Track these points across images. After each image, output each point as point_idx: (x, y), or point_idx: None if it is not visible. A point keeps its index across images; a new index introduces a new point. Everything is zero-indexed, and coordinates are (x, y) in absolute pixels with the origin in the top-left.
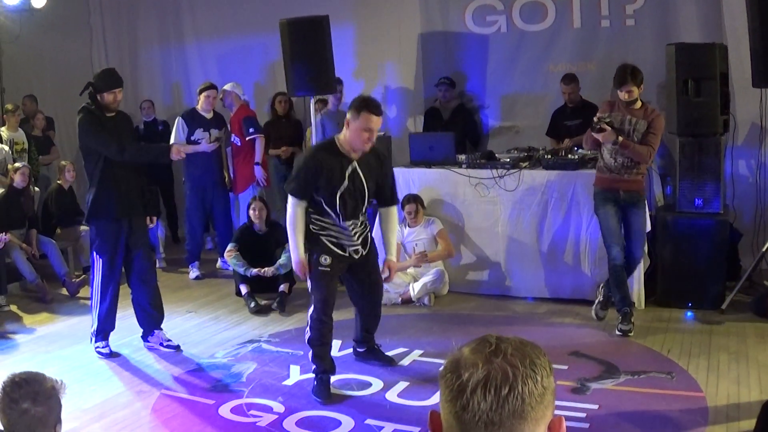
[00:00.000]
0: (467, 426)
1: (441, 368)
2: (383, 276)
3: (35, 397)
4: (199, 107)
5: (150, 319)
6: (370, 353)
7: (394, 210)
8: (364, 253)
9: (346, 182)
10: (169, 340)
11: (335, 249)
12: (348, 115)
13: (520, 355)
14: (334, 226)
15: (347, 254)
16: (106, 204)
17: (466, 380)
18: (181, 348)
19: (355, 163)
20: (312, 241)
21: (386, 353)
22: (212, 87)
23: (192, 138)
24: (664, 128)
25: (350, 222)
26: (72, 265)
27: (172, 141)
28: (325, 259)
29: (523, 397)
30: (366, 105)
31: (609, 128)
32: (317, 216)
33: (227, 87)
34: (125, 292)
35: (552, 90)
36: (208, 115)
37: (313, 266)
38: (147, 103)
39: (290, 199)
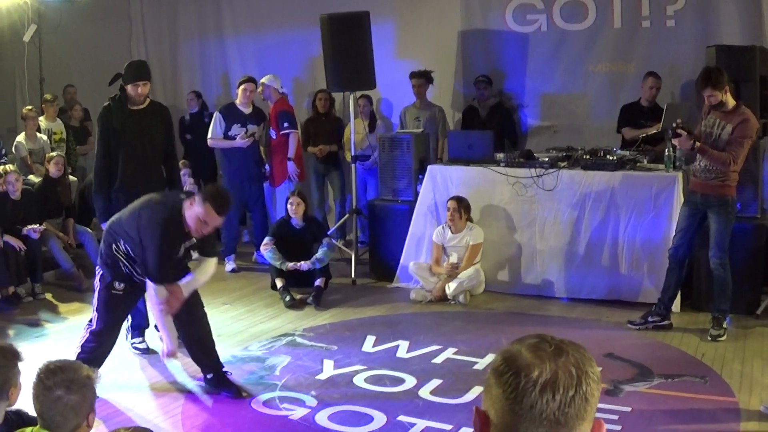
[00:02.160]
0: (529, 425)
1: (493, 367)
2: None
3: (69, 385)
4: (237, 101)
5: None
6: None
7: (212, 261)
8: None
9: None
10: None
11: (133, 276)
12: (196, 196)
13: (580, 356)
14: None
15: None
16: (120, 204)
17: (535, 379)
18: None
19: (194, 239)
20: (110, 265)
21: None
22: (250, 80)
23: (229, 133)
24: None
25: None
26: None
27: (209, 135)
28: (119, 285)
29: (586, 397)
30: (213, 199)
31: (684, 133)
32: (128, 257)
33: (265, 80)
34: None
35: (592, 90)
36: (247, 110)
37: (103, 287)
38: (191, 95)
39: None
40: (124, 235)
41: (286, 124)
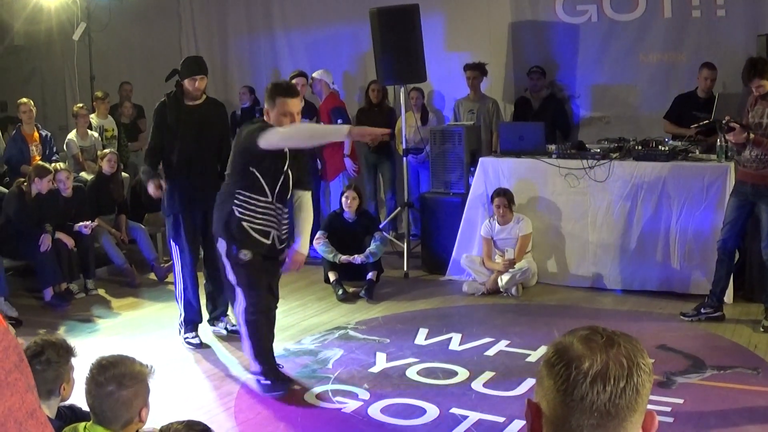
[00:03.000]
0: (580, 416)
1: (545, 358)
2: (284, 267)
3: (121, 380)
4: None
5: (216, 306)
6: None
7: (309, 196)
8: (280, 248)
9: (287, 164)
10: (234, 325)
11: (258, 237)
12: (265, 105)
13: (632, 347)
14: (266, 205)
15: (270, 241)
16: (173, 198)
17: (586, 370)
18: None
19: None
20: (236, 227)
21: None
22: (300, 75)
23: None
24: None
25: (280, 205)
26: (161, 250)
27: None
28: (246, 255)
29: (637, 389)
30: (278, 90)
31: (738, 126)
32: (248, 193)
33: (316, 75)
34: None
35: (643, 80)
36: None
37: (233, 264)
38: (243, 90)
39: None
40: (235, 183)
41: (339, 121)
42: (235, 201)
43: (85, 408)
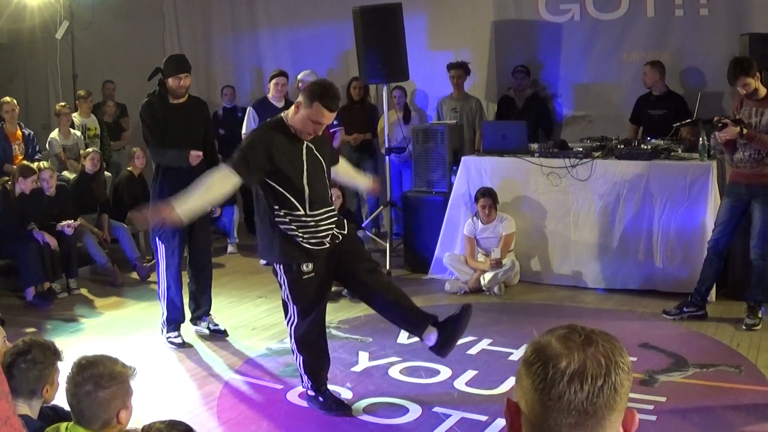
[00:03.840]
0: (558, 415)
1: (524, 358)
2: (371, 185)
3: (99, 380)
4: (270, 96)
5: (199, 305)
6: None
7: (343, 160)
8: (344, 233)
9: (305, 165)
10: (216, 325)
11: (312, 248)
12: (300, 96)
13: (610, 346)
14: (303, 218)
15: (326, 245)
16: (161, 197)
17: (563, 369)
18: (228, 333)
19: (308, 143)
20: (287, 244)
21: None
22: (282, 74)
23: None
24: None
25: (320, 210)
26: (143, 249)
27: (243, 131)
28: (307, 266)
29: (615, 388)
30: (321, 96)
31: (730, 121)
32: (285, 211)
33: (301, 76)
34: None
35: (625, 79)
36: (280, 104)
37: (293, 277)
38: (228, 89)
39: (223, 168)
40: (265, 197)
41: (335, 122)
42: (276, 219)
43: (68, 409)
